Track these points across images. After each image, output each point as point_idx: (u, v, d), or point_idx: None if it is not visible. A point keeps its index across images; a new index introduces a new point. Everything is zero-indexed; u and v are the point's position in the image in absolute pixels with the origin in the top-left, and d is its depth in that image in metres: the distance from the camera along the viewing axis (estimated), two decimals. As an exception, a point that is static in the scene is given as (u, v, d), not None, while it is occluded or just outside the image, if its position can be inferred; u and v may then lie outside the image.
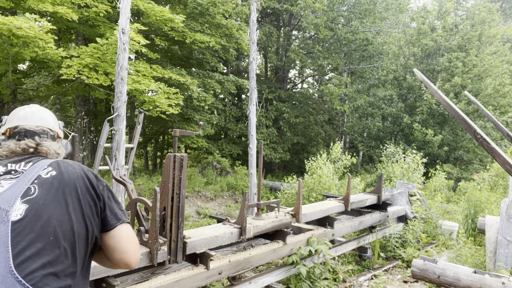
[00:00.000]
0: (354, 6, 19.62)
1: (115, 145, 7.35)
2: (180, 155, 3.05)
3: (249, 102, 10.84)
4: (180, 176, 3.01)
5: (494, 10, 18.54)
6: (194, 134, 3.60)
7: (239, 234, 3.89)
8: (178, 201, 3.01)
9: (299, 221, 4.65)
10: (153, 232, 2.87)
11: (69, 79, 10.33)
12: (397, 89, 19.33)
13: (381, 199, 6.36)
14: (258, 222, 4.26)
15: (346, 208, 5.53)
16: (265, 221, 4.32)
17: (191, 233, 3.56)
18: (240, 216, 3.93)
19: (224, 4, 14.63)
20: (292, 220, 4.63)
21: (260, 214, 4.48)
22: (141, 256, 2.88)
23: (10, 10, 11.94)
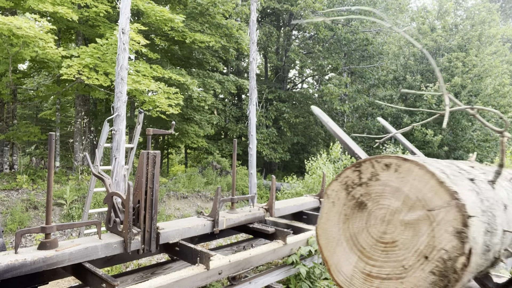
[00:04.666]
0: (354, 6, 19.63)
1: (115, 145, 7.35)
2: (153, 153, 3.22)
3: (249, 102, 10.85)
4: (153, 172, 3.20)
5: (494, 10, 18.55)
6: (167, 133, 3.89)
7: (212, 226, 4.02)
8: (152, 194, 3.19)
9: (272, 215, 4.80)
10: (126, 222, 3.02)
11: (69, 79, 10.33)
12: (397, 89, 19.34)
13: None
14: (231, 216, 4.37)
15: (320, 203, 5.61)
16: (238, 215, 4.44)
17: (165, 225, 3.66)
18: (213, 210, 4.07)
19: (224, 4, 14.64)
20: (266, 214, 4.75)
21: (234, 208, 4.61)
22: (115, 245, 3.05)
23: (10, 10, 11.94)
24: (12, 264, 2.39)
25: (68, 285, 4.24)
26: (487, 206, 1.01)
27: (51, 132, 2.81)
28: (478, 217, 0.93)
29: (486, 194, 1.07)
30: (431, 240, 0.89)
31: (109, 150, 8.62)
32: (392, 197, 0.97)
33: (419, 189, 0.93)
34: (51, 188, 2.80)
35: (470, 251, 0.86)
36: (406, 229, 0.93)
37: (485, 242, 0.96)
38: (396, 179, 0.97)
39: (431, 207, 0.90)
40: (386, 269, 0.95)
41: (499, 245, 1.08)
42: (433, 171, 0.93)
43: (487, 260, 1.04)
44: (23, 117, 20.19)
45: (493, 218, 1.02)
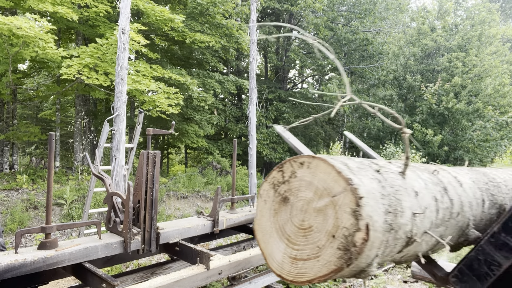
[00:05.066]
0: (354, 6, 19.64)
1: (115, 145, 7.35)
2: (153, 152, 3.21)
3: (249, 102, 10.85)
4: (153, 172, 3.19)
5: (494, 10, 18.55)
6: (167, 133, 3.89)
7: (212, 226, 4.01)
8: (152, 194, 3.18)
9: None
10: (126, 222, 3.02)
11: (69, 79, 10.34)
12: (397, 89, 19.34)
13: None
14: (231, 216, 4.37)
15: None
16: (238, 215, 4.44)
17: (165, 225, 3.65)
18: (213, 210, 4.06)
19: (224, 4, 14.64)
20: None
21: (234, 208, 4.60)
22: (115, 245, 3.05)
23: (10, 10, 11.94)
24: (12, 264, 2.39)
25: (68, 285, 4.24)
26: (389, 191, 1.18)
27: (51, 132, 2.81)
28: (375, 199, 1.09)
29: (391, 182, 1.24)
30: (336, 221, 1.07)
31: (109, 150, 8.62)
32: (306, 189, 1.14)
33: (324, 180, 1.11)
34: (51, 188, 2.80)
35: (368, 227, 1.03)
36: (318, 215, 1.11)
37: (387, 221, 1.12)
38: (308, 174, 1.15)
39: (334, 194, 1.08)
40: (306, 251, 1.11)
41: (409, 226, 1.24)
42: (333, 164, 1.10)
43: (398, 239, 1.20)
44: (23, 117, 20.19)
45: (397, 201, 1.19)
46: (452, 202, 1.58)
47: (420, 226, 1.32)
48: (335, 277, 1.09)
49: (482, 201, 1.85)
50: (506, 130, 16.24)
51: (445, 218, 1.52)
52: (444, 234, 1.56)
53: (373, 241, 1.06)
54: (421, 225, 1.33)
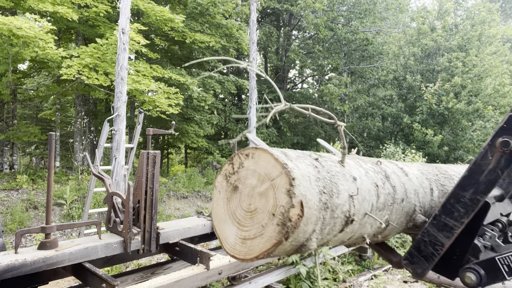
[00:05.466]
0: (354, 6, 19.64)
1: (115, 145, 7.35)
2: (153, 153, 3.20)
3: (249, 102, 10.85)
4: (153, 172, 3.19)
5: (494, 10, 18.55)
6: (167, 133, 3.88)
7: (212, 226, 4.00)
8: (152, 194, 3.18)
9: None
10: (126, 222, 3.02)
11: (69, 79, 10.34)
12: (397, 89, 19.34)
13: None
14: None
15: None
16: None
17: (165, 225, 3.64)
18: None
19: (224, 4, 14.64)
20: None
21: None
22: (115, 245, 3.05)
23: (10, 10, 11.94)
24: (12, 264, 2.39)
25: (68, 285, 4.23)
26: (325, 175, 1.35)
27: (51, 132, 2.81)
28: (309, 181, 1.25)
29: (329, 168, 1.41)
30: (275, 201, 1.21)
31: (109, 150, 8.61)
32: (252, 177, 1.28)
33: (265, 167, 1.25)
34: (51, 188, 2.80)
35: (302, 204, 1.18)
36: (261, 198, 1.25)
37: (321, 200, 1.27)
38: (253, 163, 1.29)
39: (272, 178, 1.23)
40: (253, 231, 1.25)
41: (347, 206, 1.40)
42: (272, 152, 1.25)
43: (336, 218, 1.36)
44: (23, 117, 20.19)
45: (332, 184, 1.35)
46: (395, 189, 1.73)
47: (359, 207, 1.47)
48: (277, 252, 1.22)
49: (431, 190, 2.02)
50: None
51: (388, 203, 1.66)
52: (390, 218, 1.71)
53: (308, 217, 1.21)
54: (360, 206, 1.48)
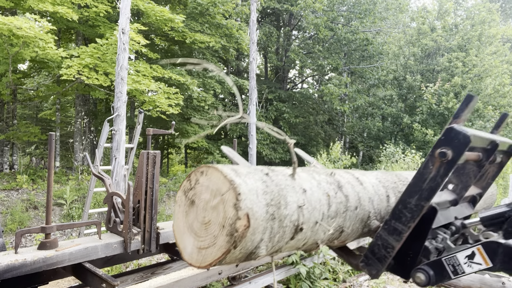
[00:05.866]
0: (354, 6, 19.64)
1: (115, 145, 7.35)
2: (153, 153, 3.21)
3: (249, 102, 10.85)
4: (153, 172, 3.19)
5: (494, 10, 18.55)
6: (167, 133, 3.88)
7: None
8: (152, 194, 3.18)
9: None
10: (126, 222, 3.02)
11: (69, 79, 10.34)
12: (397, 89, 19.34)
13: None
14: None
15: None
16: None
17: (165, 225, 3.64)
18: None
19: (224, 4, 14.64)
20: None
21: None
22: (115, 245, 3.05)
23: (10, 10, 11.94)
24: (12, 264, 2.39)
25: (68, 285, 4.24)
26: (273, 189, 1.48)
27: (51, 132, 2.81)
28: (256, 195, 1.38)
29: (278, 182, 1.53)
30: (224, 214, 1.34)
31: (109, 150, 8.62)
32: (206, 192, 1.42)
33: (217, 183, 1.39)
34: (51, 188, 2.80)
35: (248, 216, 1.31)
36: (213, 211, 1.38)
37: (268, 211, 1.41)
38: (207, 180, 1.43)
39: (222, 193, 1.36)
40: (207, 241, 1.38)
41: (295, 216, 1.53)
42: (221, 170, 1.39)
43: (285, 227, 1.50)
44: (23, 117, 20.19)
45: (280, 196, 1.49)
46: (348, 197, 1.88)
47: (308, 216, 1.61)
48: (228, 260, 1.37)
49: (387, 197, 2.18)
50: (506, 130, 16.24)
51: (340, 211, 1.82)
52: (344, 225, 1.87)
53: (255, 227, 1.35)
54: (310, 215, 1.62)
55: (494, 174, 2.38)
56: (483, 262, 1.67)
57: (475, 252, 1.68)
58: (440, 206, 1.92)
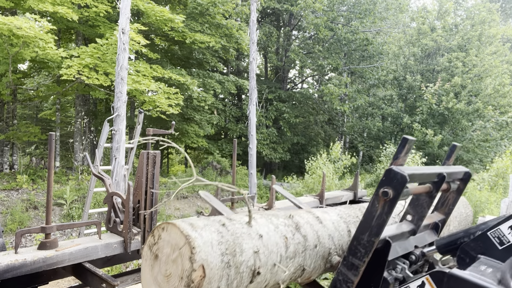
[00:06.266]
0: (354, 6, 19.64)
1: (115, 145, 7.35)
2: (153, 153, 3.22)
3: (249, 102, 10.85)
4: (153, 172, 3.20)
5: (494, 10, 18.55)
6: (167, 133, 3.87)
7: None
8: (152, 194, 3.17)
9: None
10: (126, 222, 3.03)
11: (69, 79, 10.35)
12: (397, 89, 19.34)
13: (357, 196, 6.38)
14: None
15: (320, 203, 5.55)
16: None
17: None
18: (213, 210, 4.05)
19: (224, 4, 14.64)
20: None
21: (234, 208, 4.56)
22: (115, 245, 3.08)
23: (10, 10, 11.94)
24: (12, 264, 2.39)
25: (68, 285, 4.24)
26: (228, 238, 1.59)
27: (51, 132, 2.81)
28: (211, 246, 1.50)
29: (234, 231, 1.65)
30: (182, 267, 1.45)
31: (109, 150, 8.62)
32: (167, 247, 1.53)
33: (175, 238, 1.50)
34: (51, 188, 2.80)
35: (203, 267, 1.43)
36: (173, 264, 1.49)
37: (223, 260, 1.52)
38: (167, 235, 1.54)
39: (180, 247, 1.47)
40: None
41: (252, 261, 1.63)
42: (179, 226, 1.51)
43: (242, 272, 1.59)
44: (23, 117, 20.19)
45: (235, 245, 1.59)
46: (306, 237, 1.99)
47: (266, 260, 1.72)
48: None
49: (348, 232, 2.27)
50: (506, 130, 16.24)
51: (299, 251, 1.91)
52: (305, 263, 1.97)
53: (210, 277, 1.46)
54: (267, 259, 1.72)
55: (454, 200, 2.54)
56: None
57: (424, 282, 1.78)
58: (397, 237, 2.06)
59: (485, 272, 1.80)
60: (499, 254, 1.95)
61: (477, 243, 2.05)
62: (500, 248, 1.97)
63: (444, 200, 2.57)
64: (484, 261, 1.96)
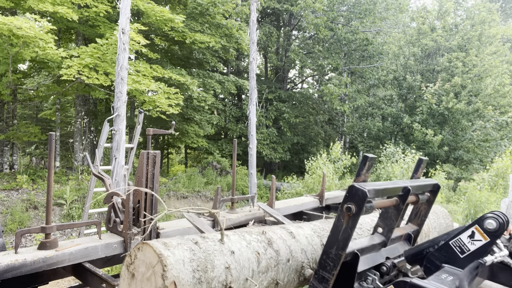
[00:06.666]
0: (354, 6, 19.64)
1: (115, 145, 7.35)
2: (153, 152, 3.22)
3: (249, 102, 10.85)
4: (153, 172, 3.20)
5: (494, 10, 18.55)
6: (167, 133, 3.87)
7: (212, 226, 4.01)
8: (152, 194, 3.17)
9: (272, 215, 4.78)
10: (126, 222, 3.03)
11: (69, 79, 10.34)
12: (397, 89, 19.34)
13: None
14: (231, 215, 4.36)
15: (320, 203, 5.56)
16: (238, 215, 4.42)
17: (165, 225, 3.64)
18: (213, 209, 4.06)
19: (224, 4, 14.64)
20: (266, 214, 4.71)
21: (234, 208, 4.57)
22: (115, 245, 3.09)
23: (10, 10, 11.94)
24: (12, 264, 2.39)
25: (68, 285, 4.24)
26: (200, 256, 1.69)
27: (51, 132, 2.81)
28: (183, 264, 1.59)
29: (206, 248, 1.75)
30: (155, 284, 1.55)
31: (109, 150, 8.62)
32: (142, 265, 1.63)
33: (149, 257, 1.60)
34: (51, 188, 2.80)
35: (175, 283, 1.52)
36: (148, 281, 1.59)
37: (195, 276, 1.62)
38: (142, 255, 1.65)
39: (153, 265, 1.58)
40: None
41: (223, 277, 1.73)
42: (152, 245, 1.62)
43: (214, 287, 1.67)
44: (23, 117, 20.19)
45: (207, 261, 1.69)
46: (278, 252, 2.08)
47: (237, 275, 1.80)
48: None
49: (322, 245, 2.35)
50: (506, 130, 16.24)
51: (271, 265, 1.99)
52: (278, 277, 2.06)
53: None
54: (239, 274, 1.81)
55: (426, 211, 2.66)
56: None
57: None
58: (368, 250, 2.17)
59: (445, 280, 1.89)
60: (461, 262, 2.05)
61: (440, 252, 2.15)
62: (462, 257, 2.07)
63: (416, 211, 2.69)
64: (447, 269, 2.06)
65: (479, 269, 1.97)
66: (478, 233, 2.07)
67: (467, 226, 2.12)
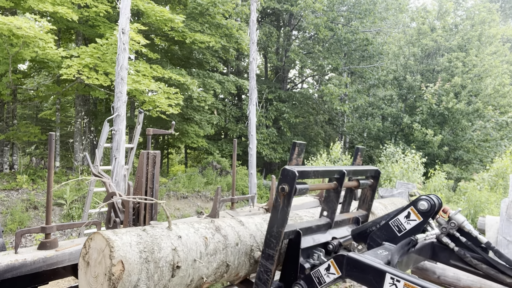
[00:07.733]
0: (354, 6, 19.64)
1: (115, 145, 7.35)
2: (153, 153, 3.23)
3: (249, 102, 10.85)
4: (153, 172, 3.23)
5: (494, 10, 18.54)
6: (167, 133, 3.89)
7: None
8: (152, 194, 3.20)
9: None
10: (126, 222, 3.06)
11: (69, 79, 10.34)
12: (397, 89, 19.34)
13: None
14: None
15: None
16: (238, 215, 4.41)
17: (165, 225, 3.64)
18: (213, 210, 4.04)
19: (224, 4, 14.63)
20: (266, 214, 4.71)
21: (234, 208, 4.56)
22: None
23: (10, 10, 11.94)
24: (12, 264, 2.39)
25: (68, 285, 4.23)
26: (146, 240, 1.86)
27: (51, 132, 2.81)
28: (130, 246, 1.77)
29: (153, 234, 1.93)
30: (105, 265, 1.72)
31: (109, 150, 8.61)
32: (94, 252, 1.80)
33: (100, 244, 1.78)
34: (51, 188, 2.80)
35: (123, 262, 1.70)
36: (99, 265, 1.76)
37: (142, 256, 1.79)
38: (94, 243, 1.82)
39: (103, 249, 1.74)
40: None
41: (170, 257, 1.89)
42: (102, 233, 1.79)
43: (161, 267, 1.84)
44: (23, 117, 20.19)
45: (154, 244, 1.86)
46: (226, 237, 2.26)
47: (185, 256, 1.96)
48: None
49: None
50: (506, 130, 16.24)
51: (220, 249, 2.18)
52: (227, 259, 2.23)
53: (130, 270, 1.72)
54: (186, 256, 1.97)
55: (371, 196, 2.93)
56: (335, 272, 2.02)
57: (330, 265, 2.05)
58: (313, 230, 2.39)
59: (380, 254, 2.06)
60: (398, 240, 2.23)
61: (381, 231, 2.33)
62: (399, 235, 2.26)
63: (363, 197, 2.96)
64: (386, 246, 2.25)
65: (411, 245, 2.16)
66: (413, 214, 2.24)
67: (405, 207, 2.29)
